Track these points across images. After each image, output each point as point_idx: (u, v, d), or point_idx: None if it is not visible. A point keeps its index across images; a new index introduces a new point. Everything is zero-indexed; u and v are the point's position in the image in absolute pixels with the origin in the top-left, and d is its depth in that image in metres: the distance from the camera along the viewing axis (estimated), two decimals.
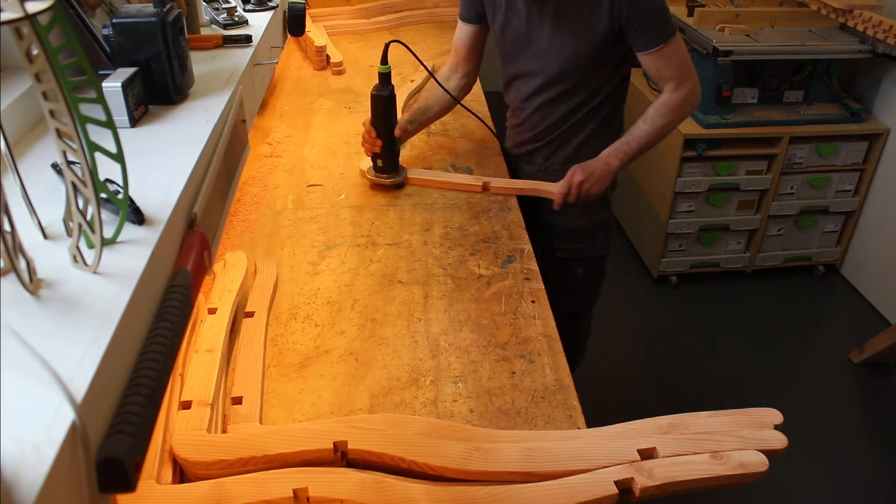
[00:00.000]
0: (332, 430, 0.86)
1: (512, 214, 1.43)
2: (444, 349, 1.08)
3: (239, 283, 1.15)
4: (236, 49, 1.21)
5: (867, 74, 2.55)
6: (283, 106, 1.93)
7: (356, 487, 0.80)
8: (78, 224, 0.60)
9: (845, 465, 2.03)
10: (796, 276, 2.78)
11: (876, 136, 2.49)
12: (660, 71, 1.47)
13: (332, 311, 1.16)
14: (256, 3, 1.50)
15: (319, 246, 1.33)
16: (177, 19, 0.95)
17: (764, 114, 2.46)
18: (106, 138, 0.60)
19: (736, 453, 0.86)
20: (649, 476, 0.82)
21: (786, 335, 2.51)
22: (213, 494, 0.79)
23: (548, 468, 0.83)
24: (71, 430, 0.46)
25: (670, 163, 2.47)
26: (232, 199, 1.02)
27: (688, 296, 2.70)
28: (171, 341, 0.61)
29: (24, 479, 0.42)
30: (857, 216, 2.66)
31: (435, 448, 0.85)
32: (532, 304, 1.18)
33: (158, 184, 0.76)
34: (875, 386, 2.31)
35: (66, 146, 0.56)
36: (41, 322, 0.55)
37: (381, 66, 1.44)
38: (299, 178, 1.56)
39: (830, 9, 2.42)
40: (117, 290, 0.59)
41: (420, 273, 1.25)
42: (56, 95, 0.53)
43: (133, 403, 0.53)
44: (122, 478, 0.49)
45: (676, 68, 1.46)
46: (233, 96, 1.02)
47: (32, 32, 0.49)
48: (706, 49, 2.31)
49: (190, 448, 0.84)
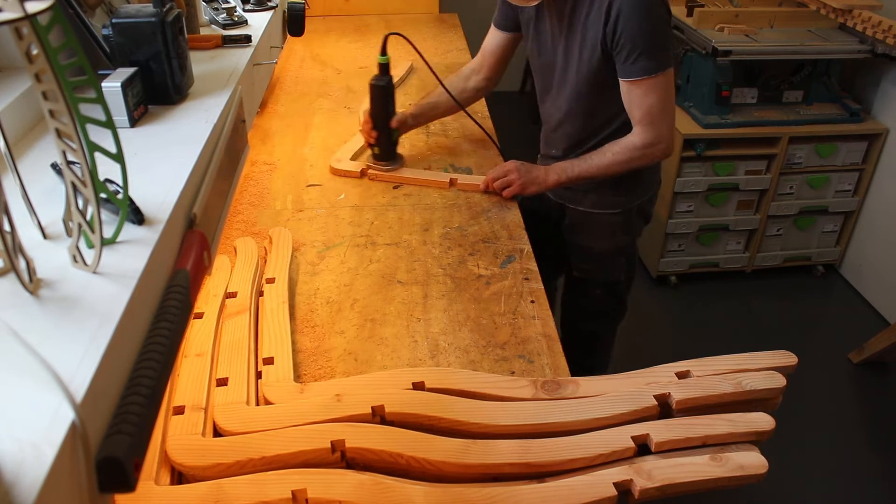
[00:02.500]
0: (329, 429, 0.86)
1: (511, 214, 1.43)
2: (444, 349, 1.08)
3: (224, 286, 1.16)
4: (236, 49, 1.21)
5: (866, 74, 2.55)
6: (283, 106, 1.93)
7: (355, 488, 0.80)
8: (78, 224, 0.60)
9: (845, 465, 2.03)
10: (796, 276, 2.78)
11: (875, 136, 2.49)
12: (630, 105, 1.33)
13: (332, 311, 1.16)
14: (256, 3, 1.50)
15: (319, 246, 1.33)
16: (176, 19, 0.95)
17: (763, 114, 2.46)
18: (106, 138, 0.60)
19: (735, 455, 0.86)
20: (648, 478, 0.82)
21: (785, 335, 2.51)
22: (211, 495, 0.78)
23: (545, 459, 0.84)
24: (71, 430, 0.46)
25: (670, 163, 2.47)
26: (231, 199, 1.02)
27: (687, 296, 2.70)
28: (170, 341, 0.61)
29: (24, 479, 0.42)
30: (856, 216, 2.66)
31: (433, 443, 0.85)
32: (531, 304, 1.18)
33: (158, 184, 0.76)
34: (875, 386, 2.31)
35: (65, 146, 0.56)
36: (41, 322, 0.55)
37: (381, 56, 1.48)
38: (298, 178, 1.56)
39: (830, 9, 2.42)
40: (117, 289, 0.59)
41: (419, 273, 1.25)
42: (56, 95, 0.53)
43: (133, 403, 0.53)
44: (122, 478, 0.49)
45: (647, 111, 1.32)
46: (232, 96, 1.02)
47: (32, 32, 0.49)
48: (705, 49, 2.31)
49: (186, 453, 0.84)
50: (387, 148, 1.56)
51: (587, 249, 1.60)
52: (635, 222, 1.59)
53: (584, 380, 0.96)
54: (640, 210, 1.59)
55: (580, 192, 1.53)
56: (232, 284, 1.15)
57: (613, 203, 1.54)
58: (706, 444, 0.88)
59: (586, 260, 1.62)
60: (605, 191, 1.51)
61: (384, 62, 1.48)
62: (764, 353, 1.00)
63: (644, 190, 1.57)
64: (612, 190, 1.51)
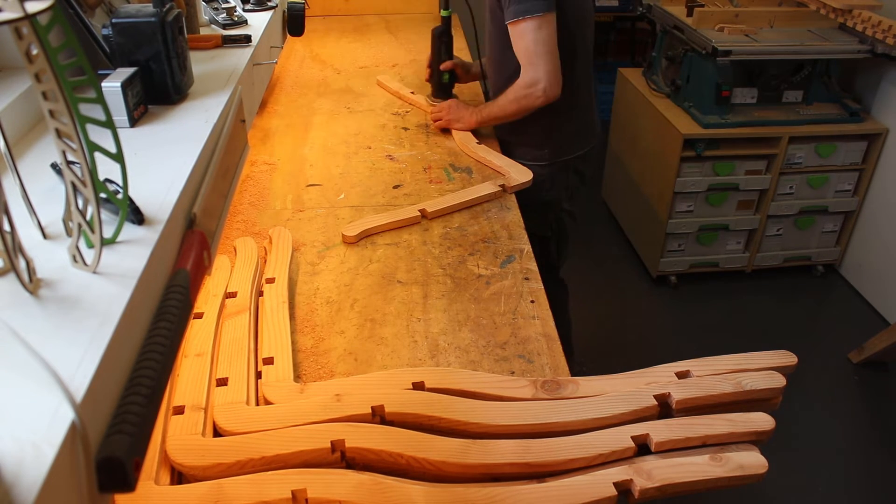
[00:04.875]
0: (329, 429, 0.86)
1: (511, 214, 1.43)
2: (444, 349, 1.08)
3: (224, 286, 1.16)
4: (236, 49, 1.21)
5: (866, 74, 2.55)
6: (283, 106, 1.93)
7: (355, 488, 0.80)
8: (77, 224, 0.60)
9: (845, 465, 2.03)
10: (795, 276, 2.78)
11: (875, 136, 2.49)
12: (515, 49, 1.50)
13: (332, 310, 1.16)
14: (256, 3, 1.50)
15: (318, 246, 1.33)
16: (176, 19, 0.95)
17: (763, 114, 2.46)
18: (105, 138, 0.60)
19: (735, 455, 0.86)
20: (648, 478, 0.82)
21: (785, 335, 2.51)
22: (211, 495, 0.78)
23: (545, 459, 0.84)
24: (71, 430, 0.46)
25: (669, 163, 2.47)
26: (231, 199, 1.02)
27: (687, 296, 2.70)
28: (170, 341, 0.61)
29: (24, 479, 0.42)
30: (856, 216, 2.66)
31: (433, 443, 0.85)
32: (531, 303, 1.18)
33: (158, 184, 0.76)
34: (875, 386, 2.31)
35: (65, 146, 0.56)
36: (41, 322, 0.55)
37: (443, 10, 1.76)
38: (298, 178, 1.56)
39: (829, 9, 2.42)
40: (117, 289, 0.59)
41: (419, 273, 1.25)
42: (56, 95, 0.53)
43: (133, 403, 0.53)
44: (122, 477, 0.49)
45: (523, 52, 1.47)
46: (232, 96, 1.02)
47: (32, 32, 0.49)
48: (705, 49, 2.31)
49: (186, 453, 0.84)
50: (438, 87, 1.85)
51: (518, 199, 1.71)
52: (562, 177, 1.74)
53: (584, 380, 0.96)
54: (569, 166, 1.73)
55: (513, 144, 1.71)
56: (232, 284, 1.15)
57: (538, 156, 1.70)
58: (706, 444, 0.88)
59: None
60: (532, 143, 1.69)
61: (446, 15, 1.76)
62: (764, 353, 1.00)
63: (571, 146, 1.73)
64: (536, 142, 1.69)
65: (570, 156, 1.73)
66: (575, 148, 1.74)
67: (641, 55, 3.76)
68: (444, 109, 1.73)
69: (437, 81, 1.84)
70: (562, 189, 1.77)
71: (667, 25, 2.60)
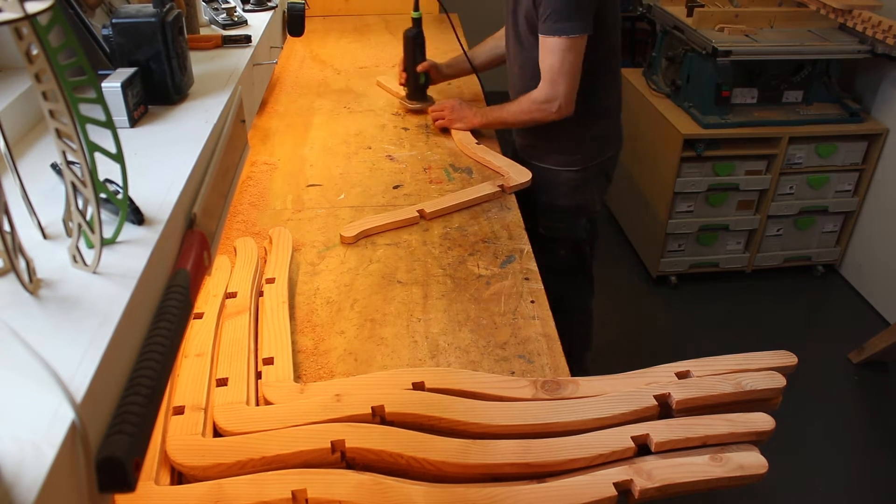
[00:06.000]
0: (329, 430, 0.86)
1: (511, 214, 1.43)
2: (444, 349, 1.08)
3: (224, 286, 1.16)
4: (236, 49, 1.21)
5: (866, 74, 2.55)
6: (283, 106, 1.93)
7: (355, 489, 0.80)
8: (77, 224, 0.60)
9: (845, 465, 2.03)
10: (796, 277, 2.78)
11: (875, 136, 2.49)
12: (540, 61, 1.50)
13: (332, 310, 1.16)
14: (256, 3, 1.50)
15: (318, 246, 1.33)
16: (176, 19, 0.95)
17: (763, 114, 2.46)
18: (105, 138, 0.60)
19: (735, 455, 0.86)
20: (648, 478, 0.82)
21: (785, 335, 2.51)
22: (211, 496, 0.78)
23: (545, 459, 0.84)
24: (71, 430, 0.46)
25: (669, 163, 2.47)
26: (231, 199, 1.02)
27: (687, 296, 2.70)
28: (170, 341, 0.61)
29: (24, 479, 0.42)
30: (856, 216, 2.66)
31: (433, 443, 0.85)
32: (531, 304, 1.18)
33: (158, 184, 0.76)
34: (875, 386, 2.31)
35: (65, 146, 0.56)
36: (41, 322, 0.55)
37: (414, 12, 1.76)
38: (298, 178, 1.56)
39: (829, 9, 2.42)
40: (117, 289, 0.59)
41: (419, 273, 1.25)
42: (56, 95, 0.53)
43: (133, 403, 0.53)
44: (122, 478, 0.49)
45: (548, 68, 1.47)
46: (232, 96, 1.02)
47: (32, 32, 0.49)
48: (705, 49, 2.31)
49: (186, 453, 0.84)
50: (413, 89, 1.85)
51: (552, 206, 1.72)
52: (595, 181, 1.73)
53: (584, 380, 0.96)
54: (601, 169, 1.73)
55: (543, 150, 1.69)
56: (232, 284, 1.15)
57: (572, 161, 1.68)
58: (706, 445, 0.88)
59: (551, 217, 1.74)
60: (565, 149, 1.67)
61: (416, 17, 1.77)
62: (764, 353, 1.00)
63: (602, 150, 1.71)
64: (570, 148, 1.67)
65: (602, 158, 1.72)
66: (606, 151, 1.73)
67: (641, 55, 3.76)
68: (446, 109, 1.72)
69: (413, 83, 1.84)
70: (595, 192, 1.76)
71: (667, 25, 2.60)
